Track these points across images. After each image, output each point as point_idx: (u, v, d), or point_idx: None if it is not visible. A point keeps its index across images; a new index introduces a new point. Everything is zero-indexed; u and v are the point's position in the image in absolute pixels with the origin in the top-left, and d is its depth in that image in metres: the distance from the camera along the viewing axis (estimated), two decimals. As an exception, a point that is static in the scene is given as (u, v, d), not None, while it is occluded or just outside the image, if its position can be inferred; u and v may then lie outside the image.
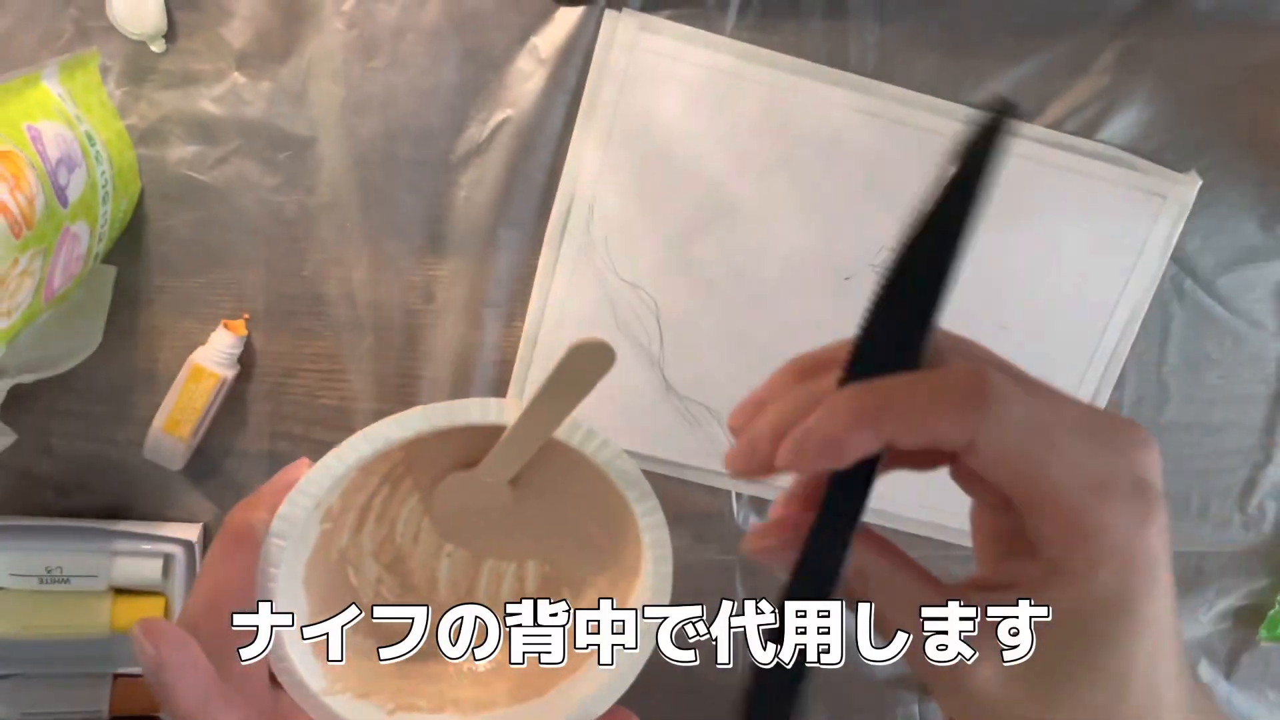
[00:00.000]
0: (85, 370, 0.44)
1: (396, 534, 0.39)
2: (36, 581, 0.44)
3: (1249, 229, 0.49)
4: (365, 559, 0.38)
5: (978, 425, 0.22)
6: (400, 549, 0.39)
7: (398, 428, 0.32)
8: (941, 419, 0.22)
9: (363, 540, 0.38)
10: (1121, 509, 0.22)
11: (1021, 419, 0.22)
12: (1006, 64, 0.46)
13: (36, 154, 0.34)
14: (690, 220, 0.46)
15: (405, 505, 0.39)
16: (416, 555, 0.39)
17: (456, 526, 0.39)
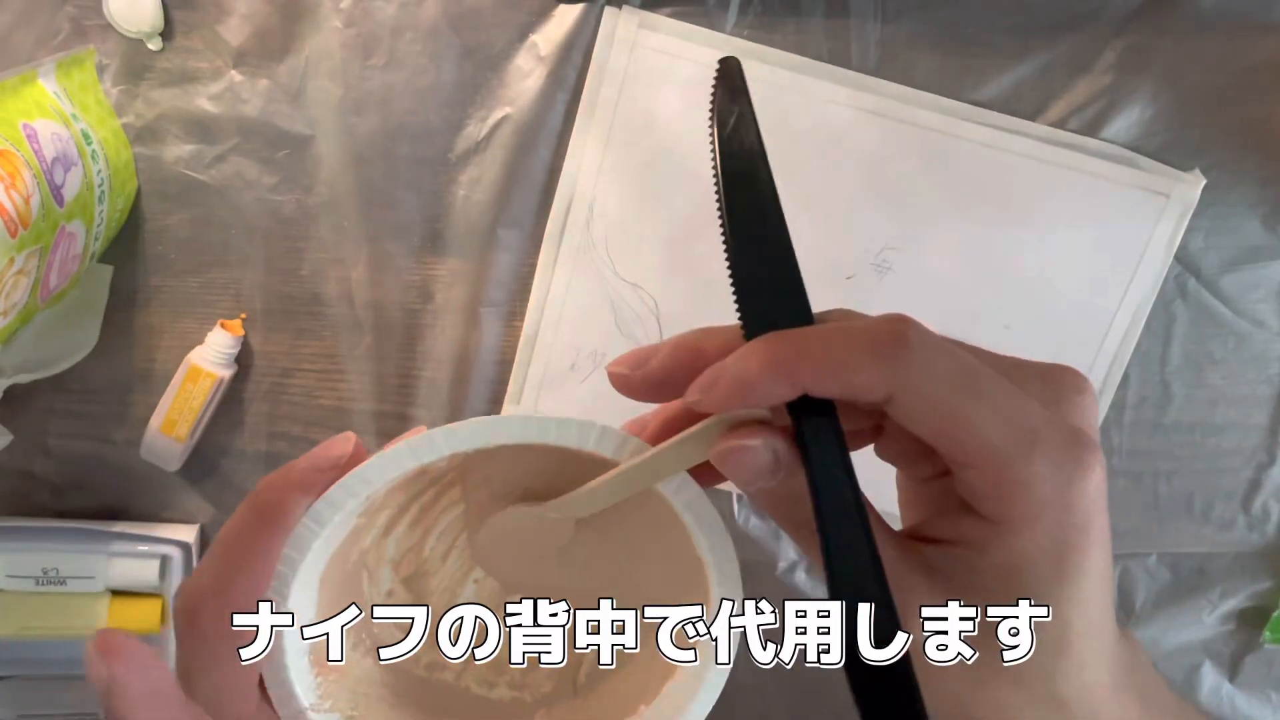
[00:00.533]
0: (82, 370, 0.44)
1: (426, 546, 0.36)
2: (33, 583, 0.44)
3: (1252, 228, 0.49)
4: (383, 567, 0.35)
5: (899, 374, 0.21)
6: (425, 564, 0.36)
7: (487, 432, 0.29)
8: (860, 368, 0.21)
9: (387, 545, 0.34)
10: (1054, 459, 0.21)
11: (946, 368, 0.21)
12: (1007, 63, 0.46)
13: (32, 153, 0.34)
14: (690, 220, 0.46)
15: (445, 516, 0.36)
16: (440, 575, 0.36)
17: (500, 559, 0.35)
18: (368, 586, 0.34)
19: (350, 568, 0.33)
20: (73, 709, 0.47)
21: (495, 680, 0.36)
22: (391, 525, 0.34)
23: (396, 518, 0.34)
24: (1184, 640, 0.54)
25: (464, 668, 0.36)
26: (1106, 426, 0.50)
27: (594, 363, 0.48)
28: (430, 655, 0.34)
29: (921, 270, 0.47)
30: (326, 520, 0.28)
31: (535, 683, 0.36)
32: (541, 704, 0.35)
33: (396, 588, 0.35)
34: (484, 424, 0.29)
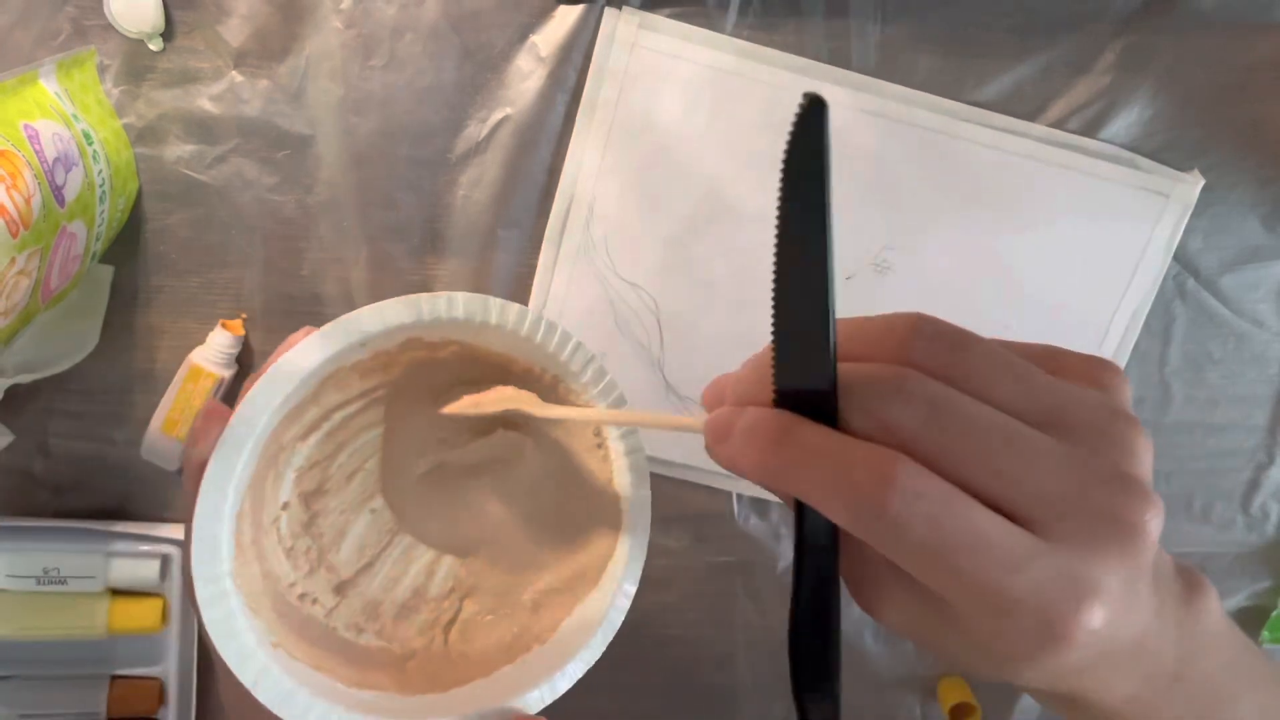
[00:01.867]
0: (83, 370, 0.44)
1: (334, 463, 0.35)
2: (34, 583, 0.44)
3: (1251, 228, 0.49)
4: (288, 473, 0.33)
5: (868, 530, 0.21)
6: (328, 482, 0.35)
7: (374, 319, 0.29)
8: (832, 511, 0.22)
9: (299, 451, 0.33)
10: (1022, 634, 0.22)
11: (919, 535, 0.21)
12: (1007, 63, 0.46)
13: (33, 153, 0.34)
14: (690, 220, 0.46)
15: (362, 436, 0.35)
16: (340, 497, 0.35)
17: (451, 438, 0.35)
18: (270, 486, 0.33)
19: (270, 453, 0.32)
20: (73, 709, 0.47)
21: (363, 626, 0.35)
22: (313, 427, 0.33)
23: (319, 422, 0.33)
24: (1183, 640, 0.54)
25: (334, 607, 0.35)
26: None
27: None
28: (305, 585, 0.34)
29: (921, 270, 0.47)
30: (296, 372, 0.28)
31: (404, 637, 0.35)
32: (413, 657, 0.35)
33: (293, 501, 0.34)
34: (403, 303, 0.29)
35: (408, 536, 0.36)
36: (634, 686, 0.52)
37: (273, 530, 0.33)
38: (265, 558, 0.32)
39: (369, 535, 0.36)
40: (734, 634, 0.52)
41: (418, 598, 0.36)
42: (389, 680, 0.32)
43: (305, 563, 0.34)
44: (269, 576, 0.32)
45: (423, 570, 0.36)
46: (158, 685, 0.47)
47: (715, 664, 0.52)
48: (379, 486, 0.36)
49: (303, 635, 0.32)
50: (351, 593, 0.35)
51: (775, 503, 0.50)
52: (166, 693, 0.47)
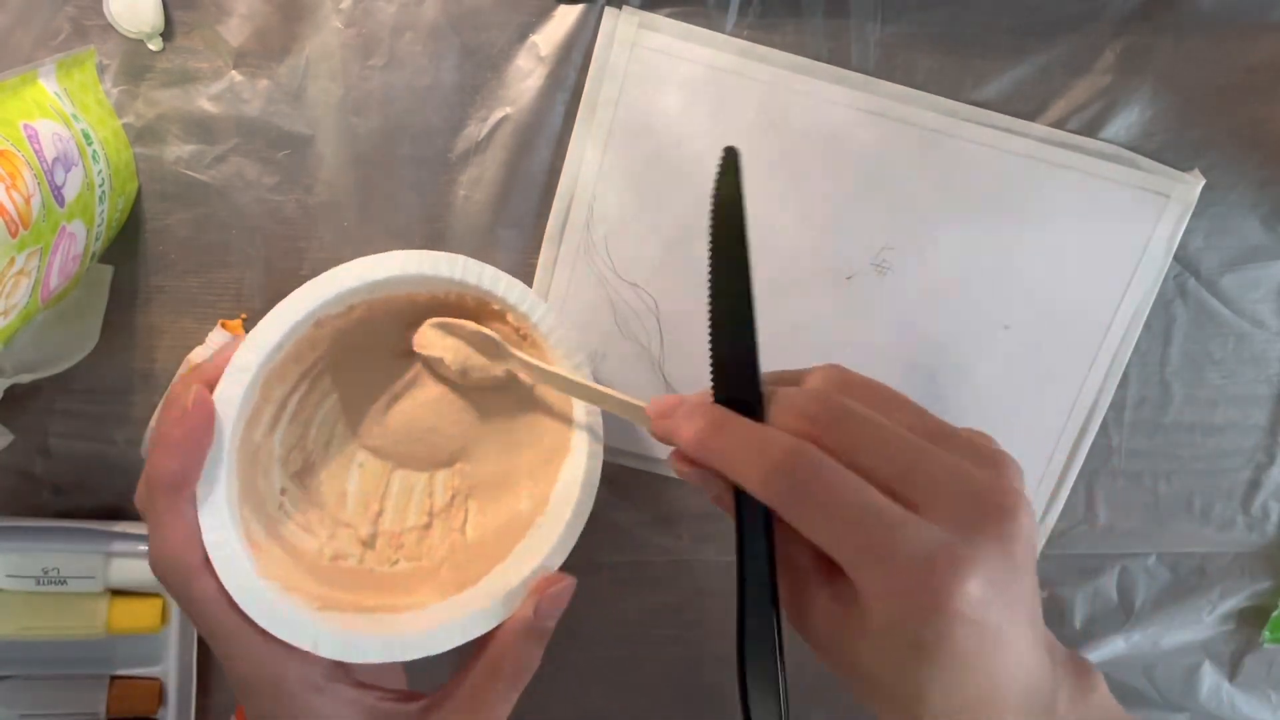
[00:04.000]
0: (82, 370, 0.44)
1: (309, 439, 0.38)
2: (33, 583, 0.44)
3: (1251, 228, 0.49)
4: (274, 465, 0.37)
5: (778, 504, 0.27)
6: (310, 456, 0.38)
7: (368, 271, 0.35)
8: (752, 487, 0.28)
9: (274, 442, 0.37)
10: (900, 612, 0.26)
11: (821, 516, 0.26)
12: (1007, 63, 0.46)
13: (33, 153, 0.34)
14: (690, 220, 0.46)
15: (321, 407, 0.38)
16: (326, 465, 0.39)
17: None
18: (262, 483, 0.36)
19: (251, 455, 0.35)
20: (73, 709, 0.47)
21: (394, 556, 0.39)
22: (275, 421, 0.37)
23: (279, 413, 0.37)
24: (1183, 640, 0.54)
25: (364, 554, 0.38)
26: (1106, 427, 0.50)
27: (594, 362, 0.48)
28: (332, 547, 0.38)
29: (921, 270, 0.47)
30: (236, 392, 0.32)
31: (429, 549, 0.39)
32: (443, 564, 0.39)
33: (288, 485, 0.38)
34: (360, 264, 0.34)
35: (399, 470, 0.40)
36: (634, 686, 0.52)
37: (282, 515, 0.37)
38: (286, 540, 0.36)
39: (366, 485, 0.39)
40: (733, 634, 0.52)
41: (429, 515, 0.40)
42: (431, 591, 0.37)
43: (322, 530, 0.38)
44: (298, 554, 0.36)
45: (423, 491, 0.40)
46: (158, 685, 0.47)
47: (715, 664, 0.52)
48: (357, 442, 0.40)
49: (346, 588, 0.36)
50: (374, 538, 0.39)
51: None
52: (166, 693, 0.47)
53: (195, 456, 0.32)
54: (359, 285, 0.35)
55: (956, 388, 0.49)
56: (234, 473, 0.33)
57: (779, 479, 0.26)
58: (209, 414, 0.32)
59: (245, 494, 0.34)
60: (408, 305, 0.38)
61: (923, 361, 0.48)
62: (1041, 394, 0.49)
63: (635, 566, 0.50)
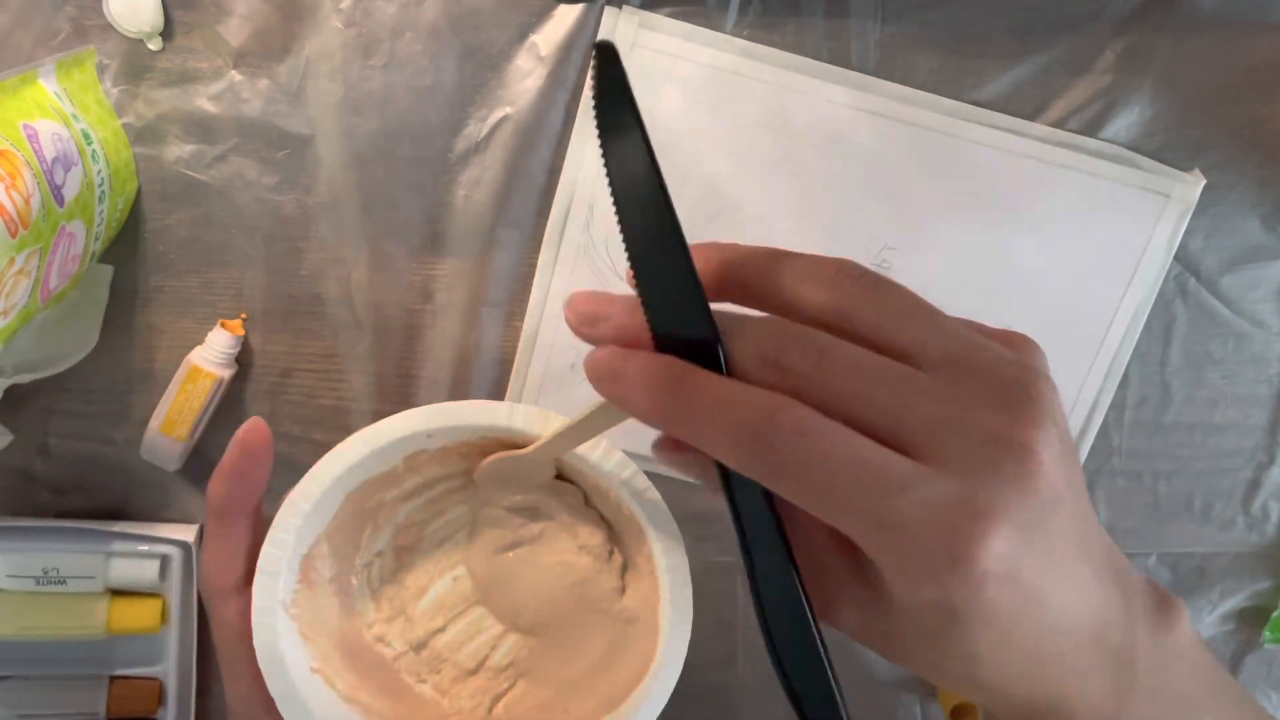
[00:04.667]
0: (82, 370, 0.44)
1: (430, 526, 0.38)
2: (33, 583, 0.44)
3: (1251, 228, 0.49)
4: (388, 527, 0.37)
5: (756, 471, 0.22)
6: (422, 541, 0.38)
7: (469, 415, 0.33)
8: (724, 455, 0.22)
9: (401, 510, 0.37)
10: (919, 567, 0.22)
11: (806, 476, 0.22)
12: (1007, 63, 0.46)
13: (33, 153, 0.34)
14: (690, 220, 0.46)
15: (458, 508, 0.38)
16: (430, 557, 0.39)
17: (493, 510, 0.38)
18: (368, 536, 0.36)
19: (368, 508, 0.36)
20: (73, 709, 0.47)
21: (424, 677, 0.38)
22: (415, 493, 0.37)
23: (421, 489, 0.37)
24: (1184, 640, 0.54)
25: (403, 653, 0.38)
26: (1106, 427, 0.50)
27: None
28: (381, 629, 0.38)
29: (921, 270, 0.47)
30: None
31: (456, 696, 0.38)
32: (451, 716, 0.38)
33: (387, 551, 0.38)
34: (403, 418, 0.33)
35: (480, 607, 0.39)
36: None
37: (364, 573, 0.37)
38: (350, 595, 0.36)
39: (447, 598, 0.39)
40: (734, 634, 0.52)
41: (479, 665, 0.39)
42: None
43: (388, 608, 0.38)
44: (349, 611, 0.36)
45: (488, 641, 0.39)
46: (157, 685, 0.47)
47: (715, 664, 0.52)
48: (463, 557, 0.39)
49: (360, 670, 0.36)
50: (421, 646, 0.38)
51: (775, 503, 0.50)
52: (166, 693, 0.47)
53: (241, 486, 0.32)
54: (526, 430, 0.34)
55: (956, 388, 0.49)
56: (333, 510, 0.34)
57: (757, 449, 0.22)
58: (257, 445, 0.32)
59: (339, 531, 0.35)
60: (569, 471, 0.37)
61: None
62: (1041, 394, 0.49)
63: (635, 566, 0.50)
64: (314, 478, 0.32)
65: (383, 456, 0.33)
